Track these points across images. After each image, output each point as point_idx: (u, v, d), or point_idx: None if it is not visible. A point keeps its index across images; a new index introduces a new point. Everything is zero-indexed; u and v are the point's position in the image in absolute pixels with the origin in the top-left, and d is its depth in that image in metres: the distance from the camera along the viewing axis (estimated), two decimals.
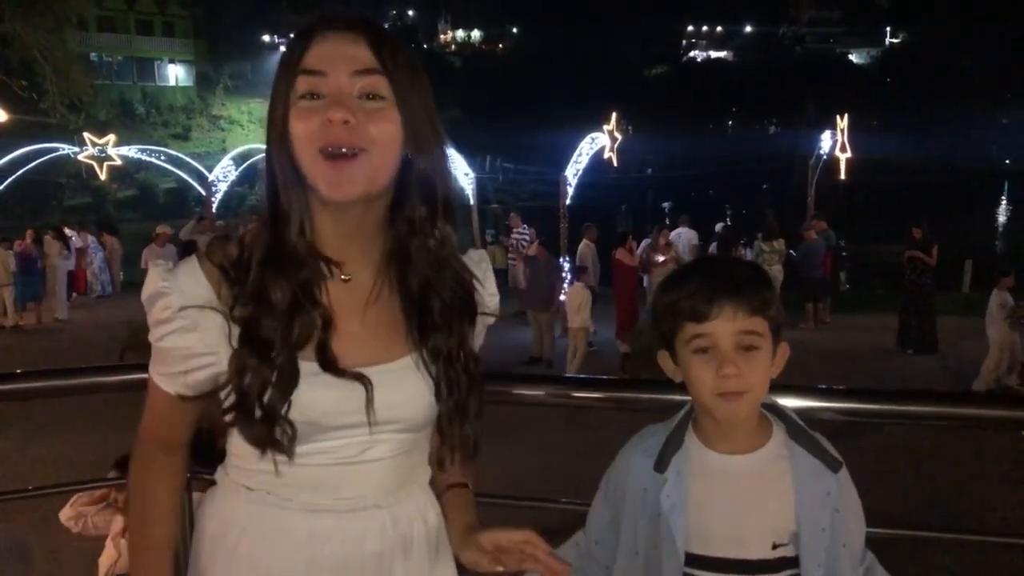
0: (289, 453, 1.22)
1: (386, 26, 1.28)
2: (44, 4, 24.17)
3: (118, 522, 3.90)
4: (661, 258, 12.64)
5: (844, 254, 16.94)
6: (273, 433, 1.20)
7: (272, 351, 1.19)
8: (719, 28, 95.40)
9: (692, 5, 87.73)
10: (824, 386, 1.71)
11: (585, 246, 12.99)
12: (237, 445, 1.30)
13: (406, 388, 1.28)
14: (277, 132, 1.20)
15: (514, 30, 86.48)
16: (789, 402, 1.55)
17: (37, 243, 15.24)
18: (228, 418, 1.23)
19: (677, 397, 1.45)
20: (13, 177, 22.42)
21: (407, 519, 1.33)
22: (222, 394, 1.26)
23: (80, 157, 22.00)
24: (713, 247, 14.92)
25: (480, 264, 1.41)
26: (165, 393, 1.29)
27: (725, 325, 1.33)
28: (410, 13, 79.91)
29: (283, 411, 1.19)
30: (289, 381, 1.19)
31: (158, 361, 1.28)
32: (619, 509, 1.48)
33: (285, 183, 1.22)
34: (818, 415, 1.65)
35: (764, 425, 1.44)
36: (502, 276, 16.83)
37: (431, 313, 1.29)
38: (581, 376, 1.62)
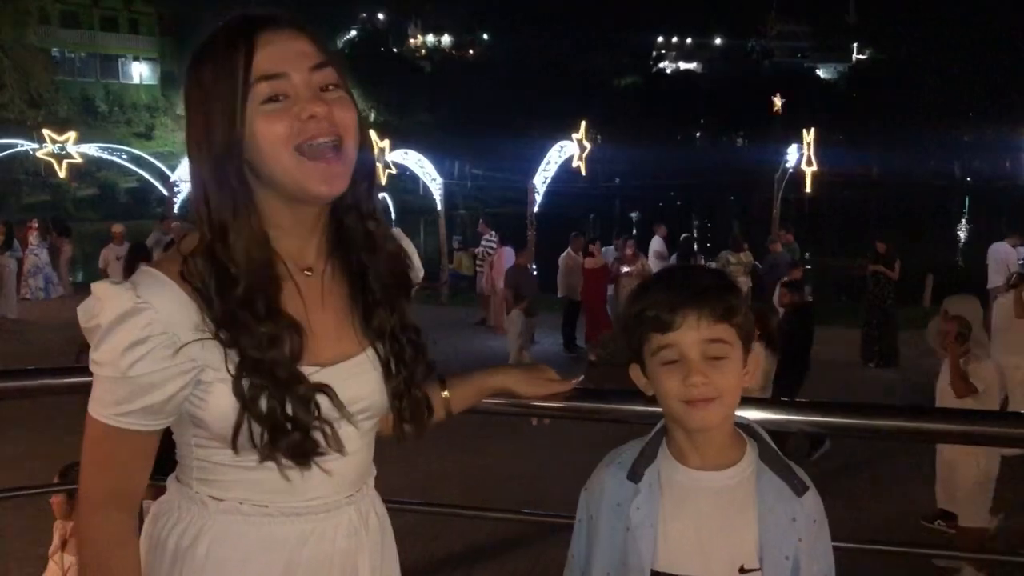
0: (342, 449, 1.25)
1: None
2: None
3: (56, 535, 3.80)
4: (627, 269, 12.61)
5: (808, 267, 17.10)
6: (312, 438, 1.21)
7: (276, 371, 1.19)
8: (689, 40, 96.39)
9: (663, 17, 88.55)
10: (787, 399, 1.70)
11: (568, 257, 12.70)
12: (202, 457, 1.26)
13: (368, 381, 1.31)
14: (222, 145, 1.16)
15: (484, 36, 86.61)
16: (753, 414, 1.53)
17: None
18: (265, 447, 1.19)
19: (640, 408, 1.43)
20: None
21: (365, 513, 1.36)
22: (220, 426, 1.21)
23: (39, 154, 21.51)
24: (674, 258, 15.01)
25: (403, 239, 1.45)
26: (128, 436, 1.20)
27: (690, 334, 1.31)
28: (380, 16, 79.63)
29: (314, 412, 1.21)
30: (307, 392, 1.21)
31: (123, 398, 1.18)
32: (595, 530, 1.44)
33: (236, 196, 1.18)
34: (782, 428, 1.63)
35: (737, 444, 1.41)
36: (469, 283, 16.78)
37: (372, 293, 1.32)
38: None
